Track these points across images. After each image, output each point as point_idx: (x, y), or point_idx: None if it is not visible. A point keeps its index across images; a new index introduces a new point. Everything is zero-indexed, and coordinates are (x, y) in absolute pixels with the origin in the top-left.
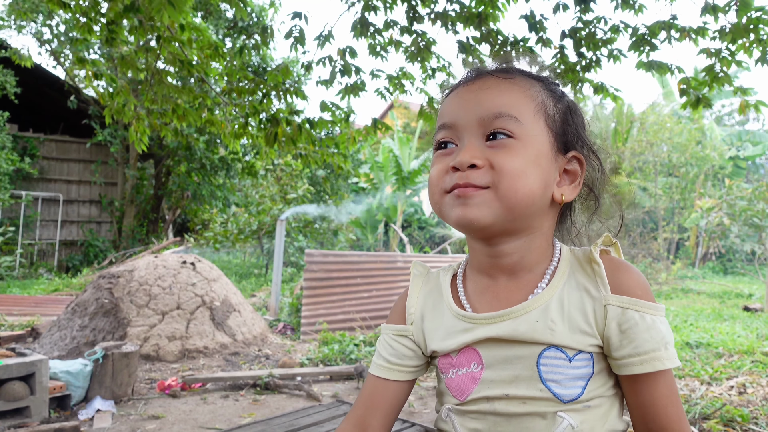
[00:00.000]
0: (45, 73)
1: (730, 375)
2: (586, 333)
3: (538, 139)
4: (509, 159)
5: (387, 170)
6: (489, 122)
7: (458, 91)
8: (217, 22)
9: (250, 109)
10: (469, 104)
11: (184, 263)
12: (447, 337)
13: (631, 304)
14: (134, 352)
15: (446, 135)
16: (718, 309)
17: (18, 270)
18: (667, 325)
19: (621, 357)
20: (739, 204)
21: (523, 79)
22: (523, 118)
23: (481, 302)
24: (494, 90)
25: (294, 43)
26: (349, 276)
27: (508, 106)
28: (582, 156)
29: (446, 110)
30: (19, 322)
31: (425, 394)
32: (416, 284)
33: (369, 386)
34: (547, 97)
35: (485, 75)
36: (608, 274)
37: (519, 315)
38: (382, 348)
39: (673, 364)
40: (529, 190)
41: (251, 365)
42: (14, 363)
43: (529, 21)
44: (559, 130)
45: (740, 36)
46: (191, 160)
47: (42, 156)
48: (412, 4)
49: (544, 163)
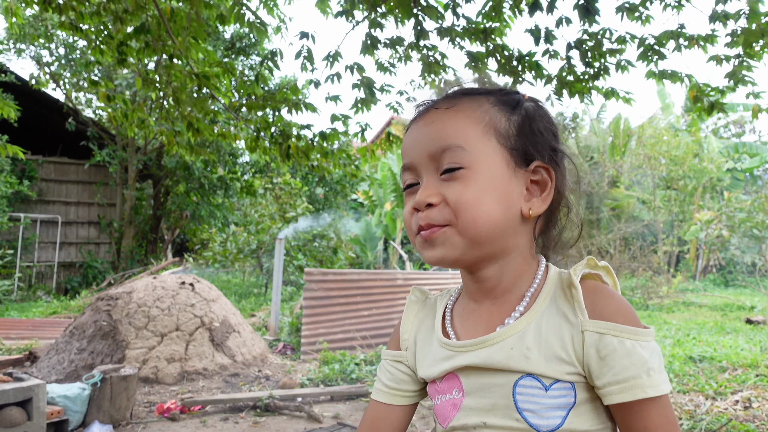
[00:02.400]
0: (44, 96)
1: (735, 389)
2: (564, 361)
3: (488, 162)
4: (461, 191)
5: (386, 187)
6: (438, 157)
7: (410, 129)
8: (215, 43)
9: (261, 124)
10: (419, 141)
11: (182, 284)
12: (432, 364)
13: (609, 329)
14: (133, 375)
15: (408, 177)
16: (721, 322)
17: (16, 293)
18: (653, 350)
19: (602, 386)
20: (738, 216)
21: (468, 101)
22: (469, 145)
23: (465, 328)
24: (438, 123)
25: (303, 62)
26: (349, 294)
27: (453, 136)
28: (546, 165)
29: (404, 150)
30: (16, 345)
31: (427, 413)
32: (411, 310)
33: (371, 411)
34: (497, 112)
35: (431, 109)
36: (587, 299)
37: (495, 342)
38: (381, 373)
39: (657, 392)
40: (489, 217)
41: (251, 386)
42: (11, 388)
43: (534, 35)
44: (516, 144)
45: (754, 39)
46: (190, 180)
47: (40, 178)
48: (419, 20)
49: (501, 184)
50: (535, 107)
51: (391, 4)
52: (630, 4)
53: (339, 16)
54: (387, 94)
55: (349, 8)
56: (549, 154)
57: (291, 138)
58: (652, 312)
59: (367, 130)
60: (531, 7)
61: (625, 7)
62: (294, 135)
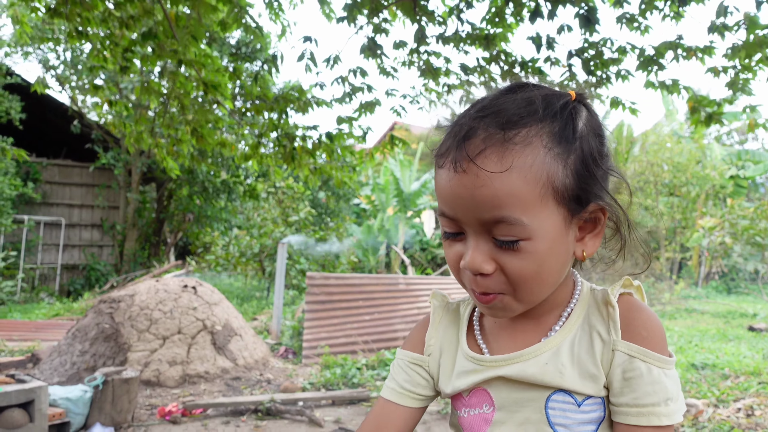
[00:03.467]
0: (49, 99)
1: (737, 397)
2: (595, 377)
3: (548, 227)
4: (522, 265)
5: (388, 192)
6: (491, 226)
7: (450, 179)
8: (221, 49)
9: (269, 126)
10: (466, 203)
11: (185, 287)
12: (459, 376)
13: (640, 353)
14: (135, 378)
15: (450, 226)
16: (723, 329)
17: (19, 294)
18: (676, 379)
19: (619, 404)
20: (741, 223)
21: (521, 153)
22: (527, 216)
23: (499, 342)
24: (489, 188)
25: (306, 65)
26: (351, 299)
27: (509, 206)
28: (604, 204)
29: (443, 197)
30: (19, 347)
31: (429, 418)
32: (437, 315)
33: (378, 409)
34: (554, 160)
35: (476, 165)
36: (622, 319)
37: (529, 358)
38: (396, 372)
39: (671, 421)
40: (549, 282)
41: (253, 390)
42: (13, 390)
43: (536, 42)
44: (572, 195)
45: (753, 52)
46: (193, 184)
47: (45, 180)
48: (422, 25)
49: (560, 245)
50: (588, 120)
51: (394, 10)
52: (630, 15)
53: (341, 21)
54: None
55: (350, 13)
56: (603, 191)
57: (296, 140)
58: None
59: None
60: (532, 14)
61: (625, 18)
62: (300, 136)
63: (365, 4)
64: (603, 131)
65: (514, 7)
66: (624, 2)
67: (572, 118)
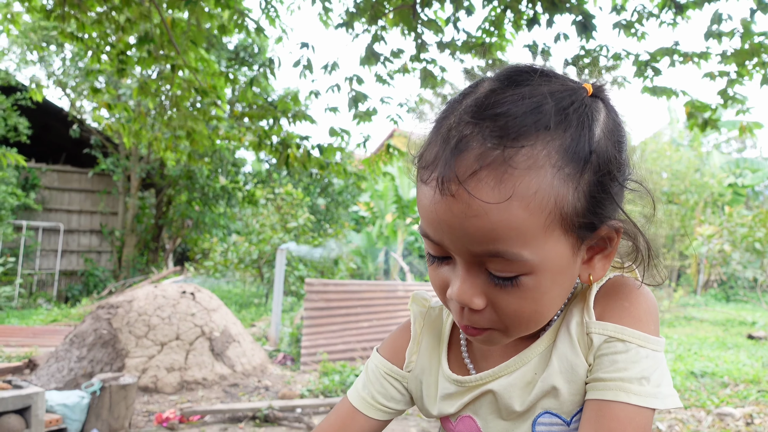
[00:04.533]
0: (48, 105)
1: (737, 405)
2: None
3: (552, 258)
4: (518, 303)
5: (387, 199)
6: (484, 258)
7: (436, 203)
8: (219, 53)
9: (261, 134)
10: (455, 232)
11: (183, 293)
12: (443, 399)
13: (616, 332)
14: (132, 384)
15: (435, 250)
16: (722, 337)
17: (17, 300)
18: (659, 360)
19: (588, 382)
20: (740, 231)
21: (523, 176)
22: (529, 249)
23: (487, 358)
24: (483, 220)
25: (302, 71)
26: (350, 305)
27: (506, 241)
28: (618, 225)
29: (427, 219)
30: (16, 353)
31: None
32: (418, 325)
33: (344, 414)
34: (562, 183)
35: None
36: (602, 296)
37: (516, 368)
38: (370, 379)
39: (643, 402)
40: (547, 317)
41: (251, 397)
42: (10, 396)
43: (532, 50)
44: (583, 220)
45: (746, 58)
46: (192, 189)
47: (44, 186)
48: (419, 33)
49: (566, 274)
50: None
51: (392, 18)
52: (626, 21)
53: (339, 28)
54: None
55: (349, 20)
56: (618, 209)
57: (290, 147)
58: None
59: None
60: (530, 22)
61: (621, 24)
62: (293, 144)
63: (365, 10)
64: (623, 133)
65: (513, 15)
66: (622, 9)
67: (588, 124)
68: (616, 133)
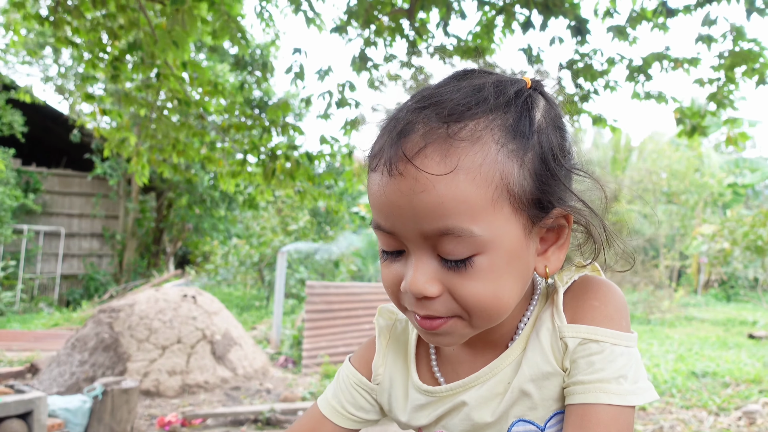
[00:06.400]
0: (48, 109)
1: (738, 405)
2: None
3: (503, 238)
4: (474, 287)
5: None
6: (435, 241)
7: (385, 185)
8: (222, 58)
9: (249, 145)
10: (404, 212)
11: (184, 296)
12: (414, 410)
13: (589, 333)
14: (134, 388)
15: (388, 243)
16: (723, 337)
17: (18, 305)
18: (634, 356)
19: (566, 386)
20: (740, 231)
21: (468, 150)
22: (479, 224)
23: (457, 369)
24: (432, 193)
25: (294, 77)
26: (351, 308)
27: (455, 215)
28: (568, 209)
29: (377, 206)
30: (18, 357)
31: None
32: (383, 339)
33: (313, 421)
34: (507, 158)
35: (414, 166)
36: (570, 298)
37: (488, 378)
38: (341, 388)
39: (624, 401)
40: (507, 303)
41: (252, 400)
42: (12, 400)
43: (527, 54)
44: (532, 199)
45: (738, 63)
46: (193, 193)
47: (45, 190)
48: (410, 40)
49: (519, 259)
50: (546, 111)
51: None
52: (620, 26)
53: (333, 32)
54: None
55: (343, 25)
56: (568, 193)
57: (278, 159)
58: (654, 326)
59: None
60: (524, 26)
61: (614, 28)
62: (282, 156)
63: (359, 14)
64: (564, 124)
65: (505, 17)
66: (614, 13)
67: (528, 108)
68: (558, 121)
